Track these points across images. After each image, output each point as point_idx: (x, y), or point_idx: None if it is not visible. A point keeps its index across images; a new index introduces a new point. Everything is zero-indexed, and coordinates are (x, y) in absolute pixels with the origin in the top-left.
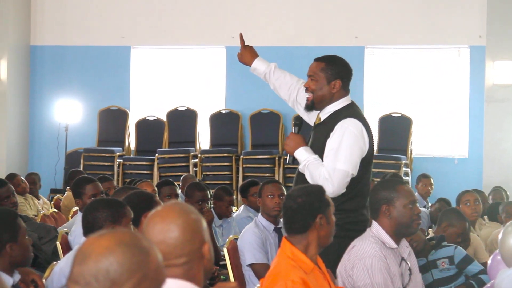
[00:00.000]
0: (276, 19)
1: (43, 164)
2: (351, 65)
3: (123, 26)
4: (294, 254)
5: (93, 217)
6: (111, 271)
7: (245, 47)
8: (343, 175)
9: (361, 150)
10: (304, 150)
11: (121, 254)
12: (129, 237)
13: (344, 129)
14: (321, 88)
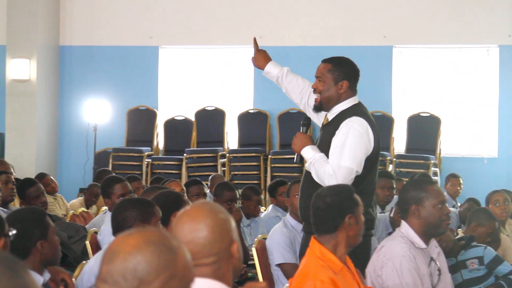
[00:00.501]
0: (304, 18)
1: (72, 164)
2: (379, 64)
3: (151, 26)
4: (323, 254)
5: (123, 217)
6: (139, 270)
7: (259, 51)
8: (347, 172)
9: (366, 148)
10: (311, 149)
11: (149, 253)
12: (157, 236)
13: (349, 127)
14: (328, 89)
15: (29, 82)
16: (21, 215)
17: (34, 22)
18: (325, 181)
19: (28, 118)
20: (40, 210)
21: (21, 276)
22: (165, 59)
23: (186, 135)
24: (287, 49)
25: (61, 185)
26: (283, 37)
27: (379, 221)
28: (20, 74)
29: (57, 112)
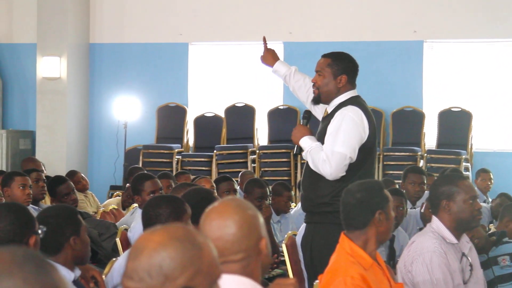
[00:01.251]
0: (333, 14)
1: (103, 161)
2: (410, 59)
3: (181, 23)
4: (353, 250)
5: (155, 214)
6: (164, 266)
7: (268, 49)
8: (340, 157)
9: (360, 135)
10: (308, 139)
11: (174, 249)
12: (182, 232)
13: (343, 115)
14: (327, 83)
15: (59, 80)
16: (55, 211)
17: (64, 20)
18: (319, 167)
19: (59, 116)
20: (72, 208)
21: (50, 274)
22: (194, 56)
23: (216, 132)
24: (316, 44)
25: (92, 182)
26: (312, 33)
27: (410, 217)
28: (51, 72)
29: (88, 110)
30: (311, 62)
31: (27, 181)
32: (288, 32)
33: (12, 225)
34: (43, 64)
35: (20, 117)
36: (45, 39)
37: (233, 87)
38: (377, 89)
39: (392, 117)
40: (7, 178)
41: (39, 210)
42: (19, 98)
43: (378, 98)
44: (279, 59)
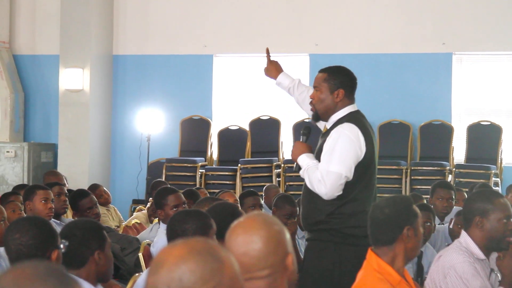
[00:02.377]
0: (361, 26)
1: (125, 175)
2: (438, 71)
3: (205, 35)
4: (381, 266)
5: (182, 229)
6: (184, 280)
7: (271, 61)
8: (336, 177)
9: (356, 153)
10: (306, 157)
11: (194, 262)
12: (202, 245)
13: (339, 133)
14: (324, 99)
15: (82, 92)
16: (82, 224)
17: (87, 32)
18: (314, 187)
19: (81, 128)
20: (98, 223)
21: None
22: (219, 68)
23: (240, 145)
24: (343, 56)
25: (114, 196)
26: (339, 45)
27: (438, 232)
28: (73, 84)
29: (110, 122)
30: None
31: (49, 195)
32: (314, 44)
33: (34, 239)
34: (66, 76)
35: (42, 129)
36: (67, 51)
37: (258, 99)
38: (404, 102)
39: (420, 131)
40: (29, 192)
41: (61, 224)
42: (41, 110)
43: (405, 112)
44: (283, 70)
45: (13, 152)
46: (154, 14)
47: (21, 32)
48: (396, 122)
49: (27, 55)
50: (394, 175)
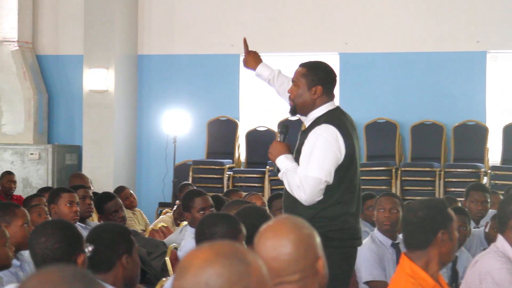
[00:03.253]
0: (392, 23)
1: (151, 177)
2: (472, 70)
3: (232, 34)
4: (414, 271)
5: (210, 232)
6: (211, 284)
7: (249, 52)
8: (315, 182)
9: (335, 156)
10: (285, 158)
11: (220, 266)
12: (228, 248)
13: (317, 135)
14: (302, 94)
15: (106, 93)
16: (110, 227)
17: (112, 31)
18: (294, 193)
19: (106, 130)
20: (126, 227)
21: None
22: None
23: (268, 147)
24: (374, 55)
25: (140, 199)
26: (369, 43)
27: (473, 236)
28: (98, 84)
29: (136, 124)
30: (367, 74)
31: (74, 198)
32: (344, 43)
33: (60, 243)
34: (90, 76)
35: (66, 131)
36: (92, 51)
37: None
38: (437, 102)
39: (454, 132)
40: (54, 195)
41: (87, 228)
42: (65, 111)
43: (438, 112)
44: (262, 61)
45: (37, 154)
46: (179, 13)
47: (44, 32)
48: (429, 122)
49: (50, 56)
50: (427, 177)
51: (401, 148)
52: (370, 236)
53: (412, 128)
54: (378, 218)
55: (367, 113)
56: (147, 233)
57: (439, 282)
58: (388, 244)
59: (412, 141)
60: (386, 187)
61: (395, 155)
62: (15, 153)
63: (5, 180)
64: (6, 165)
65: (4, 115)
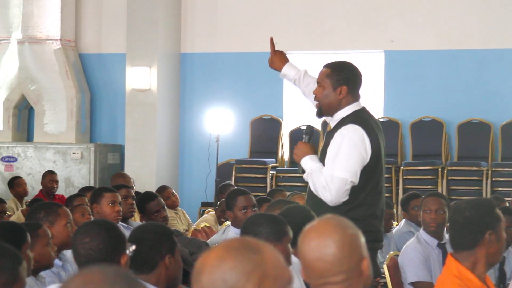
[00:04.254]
0: (439, 20)
1: (194, 176)
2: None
3: (276, 31)
4: (461, 272)
5: (255, 232)
6: (228, 279)
7: (276, 52)
8: (341, 182)
9: (361, 157)
10: (310, 159)
11: (232, 259)
12: (237, 242)
13: (343, 136)
14: (327, 95)
15: (149, 91)
16: (153, 227)
17: (155, 29)
18: (319, 193)
19: (149, 129)
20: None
21: None
22: None
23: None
24: (420, 53)
25: (182, 198)
26: (415, 41)
27: None
28: (140, 83)
29: (178, 122)
30: (413, 71)
31: (117, 198)
32: (389, 40)
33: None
34: (132, 74)
35: (109, 130)
36: (134, 49)
37: None
38: (485, 100)
39: (502, 130)
40: (96, 194)
41: (129, 228)
42: (108, 110)
43: (486, 110)
44: (288, 61)
45: (79, 153)
46: (223, 11)
47: (87, 31)
48: (476, 121)
49: (93, 54)
50: (474, 177)
51: (447, 147)
52: (416, 236)
53: (458, 127)
54: (424, 219)
55: (413, 111)
56: (189, 233)
57: (486, 283)
58: (434, 245)
59: (459, 140)
60: (432, 186)
61: (442, 154)
62: (57, 153)
63: (47, 180)
64: (48, 164)
65: (47, 114)
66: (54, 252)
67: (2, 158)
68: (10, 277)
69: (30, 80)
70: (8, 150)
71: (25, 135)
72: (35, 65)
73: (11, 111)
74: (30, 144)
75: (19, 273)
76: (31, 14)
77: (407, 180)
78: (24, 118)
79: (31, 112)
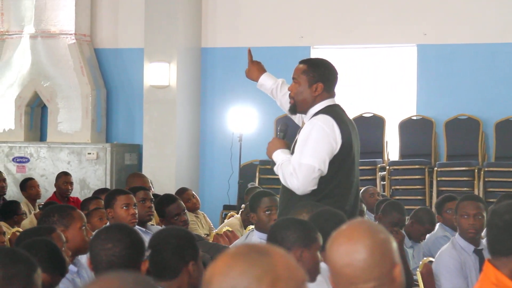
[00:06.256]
0: (474, 12)
1: (215, 178)
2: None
3: (302, 25)
4: (499, 280)
5: (282, 236)
6: (238, 285)
7: (253, 62)
8: (308, 169)
9: (330, 145)
10: (281, 152)
11: (240, 265)
12: (243, 248)
13: (312, 124)
14: (302, 92)
15: (168, 88)
16: (174, 232)
17: (174, 23)
18: (287, 181)
19: (168, 127)
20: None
21: None
22: None
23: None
24: (454, 47)
25: (203, 201)
26: (450, 34)
27: None
28: (159, 79)
29: (199, 121)
30: (447, 66)
31: (130, 200)
32: (422, 34)
33: (128, 249)
34: (151, 70)
35: (126, 129)
36: (153, 44)
37: (360, 95)
38: None
39: None
40: (109, 198)
41: (147, 232)
42: (125, 108)
43: None
44: (266, 71)
45: (95, 154)
46: (246, 2)
47: (103, 24)
48: None
49: (109, 49)
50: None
51: (484, 146)
52: (451, 241)
53: (496, 125)
54: (461, 224)
55: (447, 109)
56: (211, 238)
57: None
58: (470, 251)
59: (497, 139)
60: (468, 188)
61: (478, 154)
62: (72, 153)
63: (61, 182)
64: (63, 165)
65: (60, 112)
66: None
67: (14, 158)
68: (24, 284)
69: (43, 76)
70: (20, 150)
71: (38, 135)
72: (48, 60)
73: (23, 109)
74: (43, 144)
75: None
76: (44, 7)
77: (441, 182)
78: (36, 117)
79: (44, 110)
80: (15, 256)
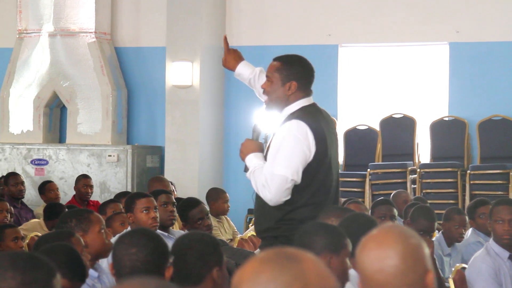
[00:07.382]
0: (509, 8)
1: (240, 181)
2: None
3: (330, 23)
4: None
5: (310, 241)
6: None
7: (229, 50)
8: (281, 180)
9: (303, 154)
10: (254, 156)
11: (270, 271)
12: (272, 253)
13: (285, 132)
14: (275, 90)
15: (191, 88)
16: (199, 237)
17: (197, 21)
18: (259, 192)
19: (191, 129)
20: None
21: None
22: (345, 60)
23: (369, 148)
24: (488, 45)
25: None
26: (484, 32)
27: None
28: (182, 79)
29: (223, 122)
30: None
31: (151, 203)
32: (455, 31)
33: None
34: (173, 70)
35: (147, 130)
36: (175, 42)
37: (390, 95)
38: None
39: None
40: (129, 202)
41: (170, 237)
42: (146, 109)
43: None
44: (243, 59)
45: (115, 156)
46: (271, 2)
47: (124, 22)
48: None
49: (130, 48)
50: None
51: None
52: (485, 247)
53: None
54: (496, 230)
55: (481, 109)
56: (235, 243)
57: None
58: (505, 257)
59: None
60: (503, 192)
61: None
62: (92, 155)
63: (81, 185)
64: (82, 168)
65: (80, 113)
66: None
67: (32, 161)
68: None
69: (63, 76)
70: (39, 152)
71: (57, 136)
72: (67, 60)
73: (42, 110)
74: (63, 146)
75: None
76: (64, 4)
77: (474, 185)
78: (55, 118)
79: (63, 111)
80: (34, 262)
